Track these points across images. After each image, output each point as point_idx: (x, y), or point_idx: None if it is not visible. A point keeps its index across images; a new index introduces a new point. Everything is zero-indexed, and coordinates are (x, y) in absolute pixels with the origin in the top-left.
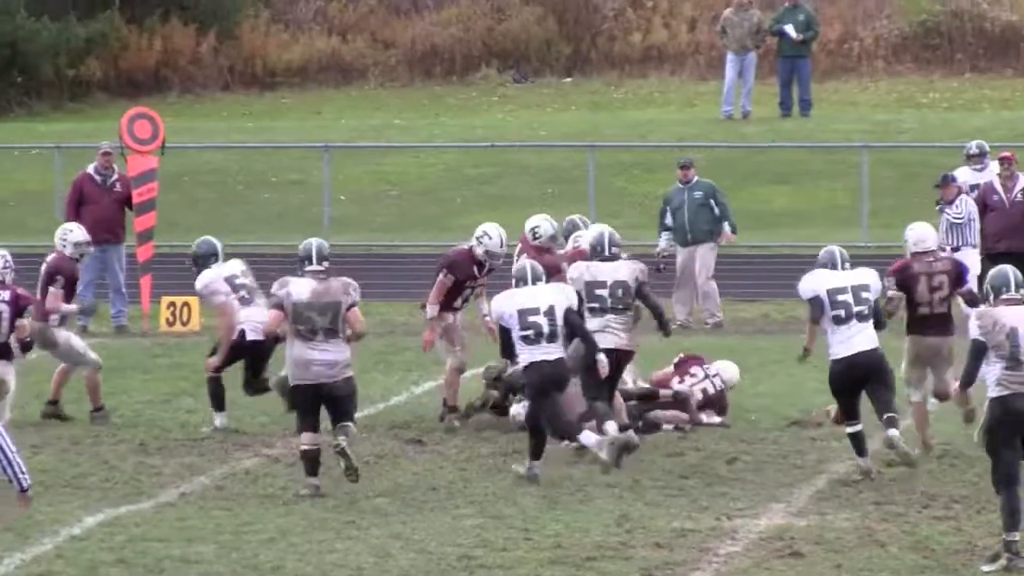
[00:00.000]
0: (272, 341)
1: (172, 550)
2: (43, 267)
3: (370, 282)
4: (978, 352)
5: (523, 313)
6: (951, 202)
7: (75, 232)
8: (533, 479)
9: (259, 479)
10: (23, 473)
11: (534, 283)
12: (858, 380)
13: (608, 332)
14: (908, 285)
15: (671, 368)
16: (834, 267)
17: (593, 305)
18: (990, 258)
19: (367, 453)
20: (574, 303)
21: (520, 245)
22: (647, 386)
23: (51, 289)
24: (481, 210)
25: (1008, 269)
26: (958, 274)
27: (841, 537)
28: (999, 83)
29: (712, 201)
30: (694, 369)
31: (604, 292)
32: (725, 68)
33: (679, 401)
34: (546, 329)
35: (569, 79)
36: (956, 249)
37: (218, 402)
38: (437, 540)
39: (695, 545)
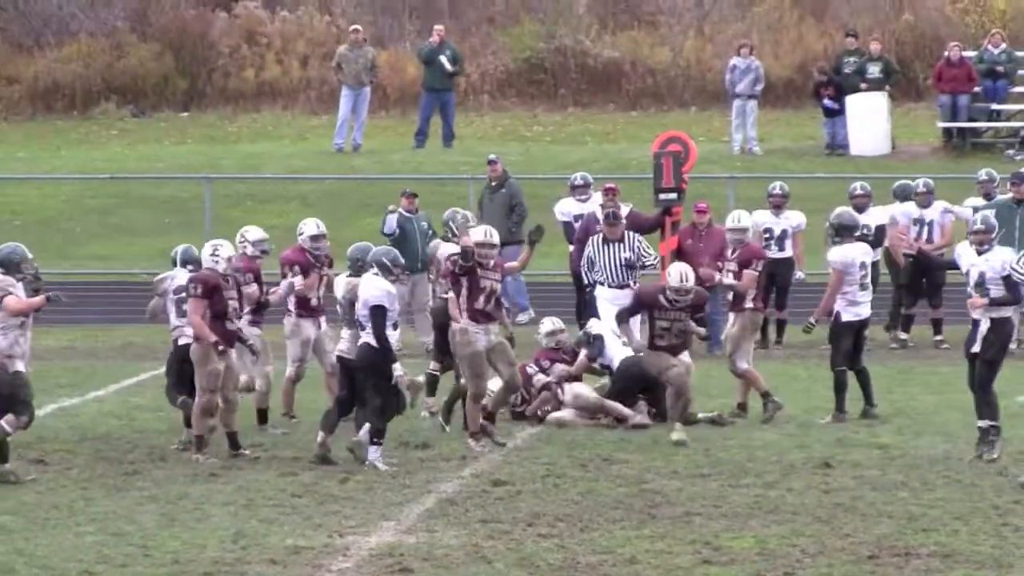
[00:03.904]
0: None
1: None
2: None
3: None
4: None
5: None
6: None
7: None
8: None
9: None
10: None
11: None
12: None
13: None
14: None
15: None
16: None
17: None
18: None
19: None
20: None
21: None
22: None
23: None
24: (101, 240)
25: None
26: None
27: (449, 554)
28: (601, 117)
29: None
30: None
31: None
32: (340, 102)
33: None
34: None
35: (186, 113)
36: None
37: None
38: (59, 556)
39: (308, 561)
